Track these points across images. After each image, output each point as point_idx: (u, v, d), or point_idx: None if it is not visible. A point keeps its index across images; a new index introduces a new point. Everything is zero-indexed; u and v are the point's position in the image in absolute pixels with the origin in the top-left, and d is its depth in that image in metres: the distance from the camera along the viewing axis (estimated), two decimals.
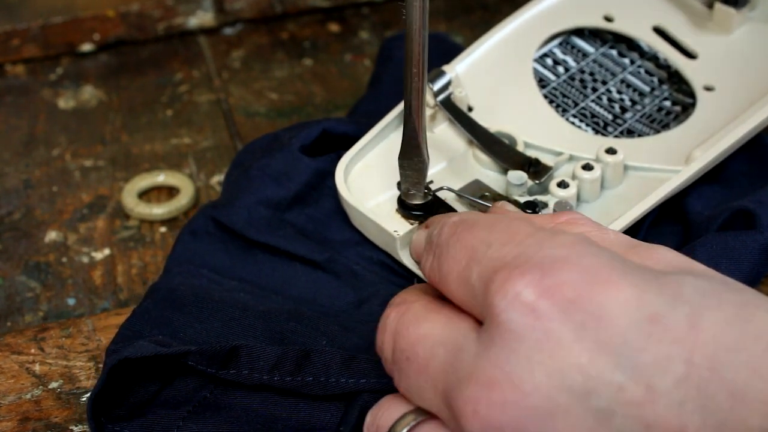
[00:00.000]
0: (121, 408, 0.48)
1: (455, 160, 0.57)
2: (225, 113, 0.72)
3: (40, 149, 0.69)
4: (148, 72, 0.76)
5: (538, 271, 0.36)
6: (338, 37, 0.79)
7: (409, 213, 0.53)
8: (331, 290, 0.54)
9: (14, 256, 0.60)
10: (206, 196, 0.64)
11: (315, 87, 0.74)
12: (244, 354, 0.46)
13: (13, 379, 0.53)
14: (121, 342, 0.50)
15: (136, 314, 0.52)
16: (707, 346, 0.35)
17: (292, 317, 0.51)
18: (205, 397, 0.48)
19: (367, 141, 0.57)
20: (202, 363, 0.47)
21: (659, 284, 0.36)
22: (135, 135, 0.70)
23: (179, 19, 0.78)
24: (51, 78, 0.75)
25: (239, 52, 0.77)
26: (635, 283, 0.36)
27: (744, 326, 0.35)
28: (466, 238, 0.39)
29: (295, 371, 0.46)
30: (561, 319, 0.35)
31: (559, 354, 0.35)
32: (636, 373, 0.35)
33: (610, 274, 0.36)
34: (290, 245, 0.55)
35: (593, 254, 0.37)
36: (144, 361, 0.47)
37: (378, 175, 0.56)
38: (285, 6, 0.80)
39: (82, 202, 0.64)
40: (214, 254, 0.56)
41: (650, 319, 0.35)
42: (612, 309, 0.35)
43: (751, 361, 0.35)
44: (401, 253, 0.53)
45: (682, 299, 0.36)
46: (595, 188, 0.54)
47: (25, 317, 0.57)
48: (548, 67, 0.62)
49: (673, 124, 0.59)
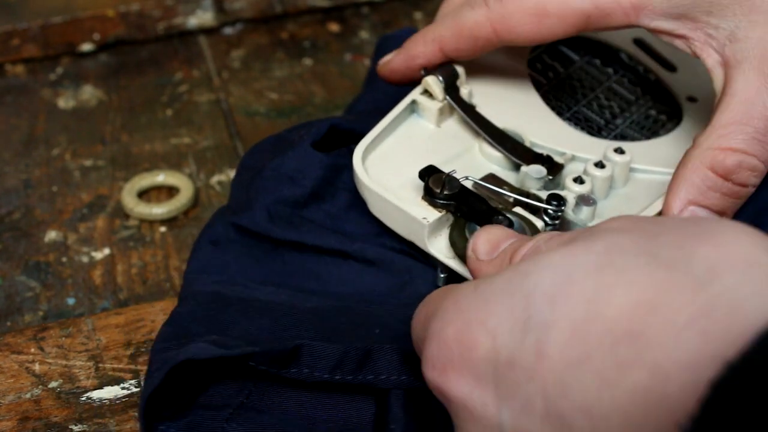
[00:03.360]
0: (165, 408, 0.47)
1: (462, 156, 0.57)
2: (225, 113, 0.72)
3: (40, 149, 0.69)
4: (148, 72, 0.76)
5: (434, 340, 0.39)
6: (338, 37, 0.79)
7: (436, 201, 0.52)
8: (367, 278, 0.54)
9: (14, 256, 0.60)
10: (206, 195, 0.64)
11: (315, 87, 0.74)
12: (306, 353, 0.46)
13: (12, 378, 0.53)
14: (170, 341, 0.49)
15: (182, 314, 0.51)
16: (554, 370, 0.35)
17: (340, 313, 0.50)
18: (242, 402, 0.48)
19: (380, 130, 0.56)
20: (264, 363, 0.46)
21: (512, 306, 0.37)
22: (135, 135, 0.70)
23: (179, 18, 0.78)
24: (51, 78, 0.75)
25: (239, 52, 0.77)
26: (492, 327, 0.37)
27: (590, 326, 0.34)
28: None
29: (357, 370, 0.47)
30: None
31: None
32: (513, 420, 0.36)
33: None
34: (318, 239, 0.54)
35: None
36: (198, 363, 0.46)
37: (394, 164, 0.56)
38: (285, 6, 0.80)
39: (82, 201, 0.64)
40: (240, 261, 0.55)
41: (507, 364, 0.36)
42: (477, 362, 0.37)
43: (597, 370, 0.34)
44: (428, 241, 0.52)
45: (529, 323, 0.36)
46: (605, 186, 0.55)
47: (25, 317, 0.57)
48: (539, 71, 0.63)
49: (663, 132, 0.60)
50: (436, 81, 0.57)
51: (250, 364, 0.47)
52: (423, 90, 0.58)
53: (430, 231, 0.52)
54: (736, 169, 0.48)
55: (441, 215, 0.52)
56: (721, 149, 0.48)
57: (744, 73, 0.48)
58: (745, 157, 0.48)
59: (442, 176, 0.52)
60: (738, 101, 0.48)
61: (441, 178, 0.52)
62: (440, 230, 0.52)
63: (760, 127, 0.48)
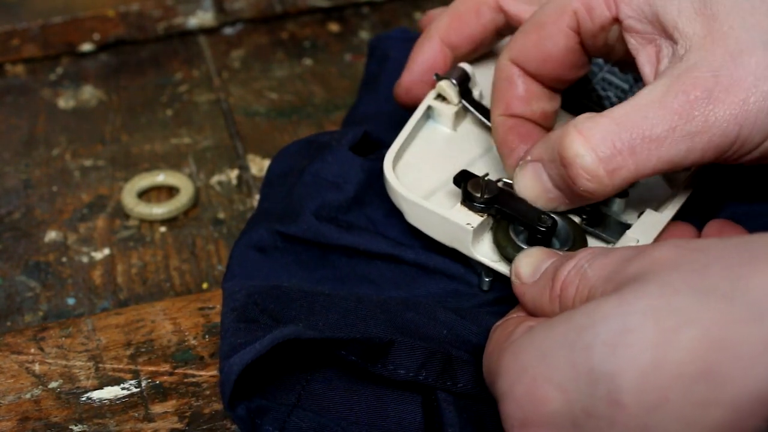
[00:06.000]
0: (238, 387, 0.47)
1: (483, 157, 0.57)
2: (225, 113, 0.72)
3: (40, 149, 0.69)
4: (148, 72, 0.76)
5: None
6: (338, 37, 0.79)
7: (476, 206, 0.51)
8: (422, 281, 0.54)
9: (14, 256, 0.60)
10: (206, 195, 0.64)
11: (315, 87, 0.74)
12: (397, 349, 0.47)
13: (12, 378, 0.53)
14: (238, 336, 0.48)
15: (247, 305, 0.51)
16: (633, 416, 0.35)
17: (409, 307, 0.50)
18: (298, 398, 0.48)
19: (403, 140, 0.56)
20: (355, 353, 0.47)
21: (574, 360, 0.37)
22: (135, 135, 0.70)
23: (179, 19, 0.78)
24: (51, 78, 0.75)
25: (239, 52, 0.77)
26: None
27: (661, 370, 0.35)
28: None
29: (440, 373, 0.47)
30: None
31: None
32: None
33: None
34: (370, 243, 0.54)
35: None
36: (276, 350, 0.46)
37: (421, 172, 0.55)
38: (285, 6, 0.80)
39: (82, 202, 0.64)
40: (290, 268, 0.55)
41: (584, 415, 0.37)
42: (554, 417, 0.38)
43: (677, 411, 0.35)
44: (473, 248, 0.51)
45: (594, 375, 0.36)
46: None
47: (24, 317, 0.57)
48: None
49: None
50: (450, 84, 0.57)
51: (340, 353, 0.47)
52: (437, 95, 0.58)
53: (473, 236, 0.51)
54: (573, 161, 0.46)
55: (483, 219, 0.51)
56: (581, 135, 0.45)
57: (659, 84, 0.46)
58: (592, 158, 0.45)
59: (479, 180, 0.51)
60: (630, 104, 0.45)
61: (478, 182, 0.51)
62: (482, 234, 0.52)
63: (625, 138, 0.45)
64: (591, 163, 0.45)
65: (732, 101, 0.44)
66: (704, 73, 0.44)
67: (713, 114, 0.44)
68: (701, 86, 0.44)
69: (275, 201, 0.57)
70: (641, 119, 0.44)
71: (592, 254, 0.42)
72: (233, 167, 0.67)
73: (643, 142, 0.44)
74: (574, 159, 0.45)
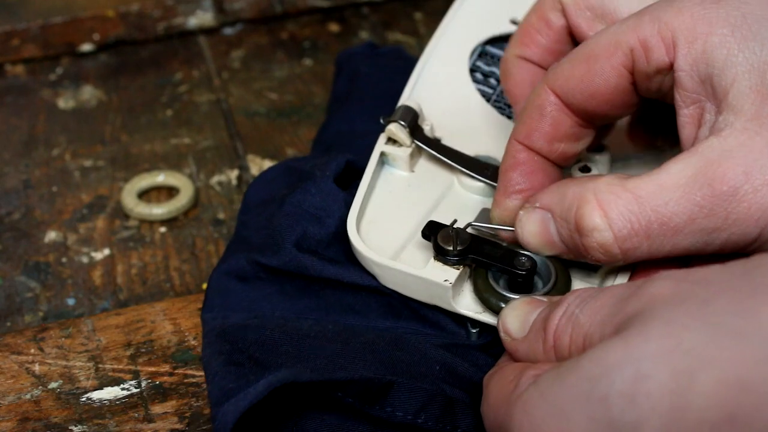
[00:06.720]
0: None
1: (446, 195, 0.55)
2: (225, 113, 0.72)
3: (40, 149, 0.69)
4: (148, 72, 0.76)
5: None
6: (338, 37, 0.79)
7: (450, 259, 0.49)
8: (410, 312, 0.52)
9: (14, 256, 0.60)
10: (206, 196, 0.64)
11: (315, 87, 0.74)
12: (397, 390, 0.46)
13: (12, 379, 0.53)
14: (228, 380, 0.47)
15: (233, 352, 0.50)
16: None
17: (397, 346, 0.49)
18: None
19: (362, 196, 0.54)
20: (352, 395, 0.46)
21: (591, 413, 0.36)
22: (135, 135, 0.70)
23: (179, 19, 0.78)
24: (51, 78, 0.75)
25: (239, 52, 0.77)
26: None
27: (683, 417, 0.34)
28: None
29: (440, 417, 0.46)
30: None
31: None
32: None
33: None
34: (355, 277, 0.52)
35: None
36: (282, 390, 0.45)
37: (385, 226, 0.54)
38: (285, 6, 0.80)
39: (81, 202, 0.64)
40: (272, 299, 0.53)
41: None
42: None
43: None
44: (455, 302, 0.50)
45: (615, 426, 0.35)
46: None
47: (24, 317, 0.57)
48: (480, 81, 0.61)
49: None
50: (399, 127, 0.55)
51: (336, 395, 0.46)
52: (387, 139, 0.56)
53: (453, 291, 0.49)
54: (590, 233, 0.45)
55: (459, 271, 0.49)
56: (600, 208, 0.44)
57: (684, 163, 0.43)
58: (610, 236, 0.44)
59: (448, 231, 0.50)
60: (655, 182, 0.44)
61: (448, 233, 0.49)
62: (461, 286, 0.50)
63: (644, 221, 0.43)
64: (608, 240, 0.44)
65: (758, 204, 0.42)
66: (736, 168, 0.42)
67: (735, 213, 0.42)
68: (729, 182, 0.42)
69: (254, 229, 0.56)
70: (662, 204, 0.43)
71: (580, 298, 0.41)
72: (233, 167, 0.67)
73: (661, 228, 0.43)
74: (591, 231, 0.44)
